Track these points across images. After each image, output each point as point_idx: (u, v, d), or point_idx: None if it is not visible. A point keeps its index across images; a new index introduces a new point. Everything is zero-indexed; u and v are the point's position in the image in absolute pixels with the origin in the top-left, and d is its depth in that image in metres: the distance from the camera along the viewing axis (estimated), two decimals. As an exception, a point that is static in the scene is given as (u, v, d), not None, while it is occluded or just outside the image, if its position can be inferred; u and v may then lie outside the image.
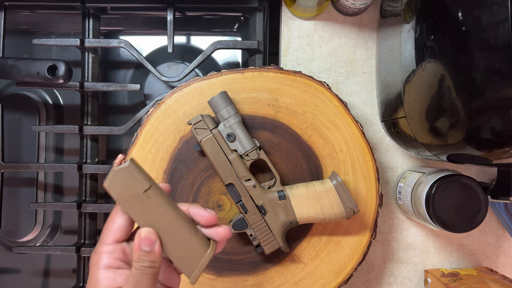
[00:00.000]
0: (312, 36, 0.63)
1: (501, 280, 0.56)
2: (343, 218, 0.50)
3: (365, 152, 0.54)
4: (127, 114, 0.70)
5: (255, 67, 0.54)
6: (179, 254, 0.36)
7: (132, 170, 0.34)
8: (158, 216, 0.35)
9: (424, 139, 0.47)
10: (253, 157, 0.50)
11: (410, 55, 0.45)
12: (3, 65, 0.56)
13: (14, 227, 0.67)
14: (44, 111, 0.68)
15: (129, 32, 0.71)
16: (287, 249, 0.52)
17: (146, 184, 0.35)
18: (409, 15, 0.47)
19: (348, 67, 0.62)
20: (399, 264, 0.62)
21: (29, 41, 0.63)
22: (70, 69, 0.56)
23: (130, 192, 0.35)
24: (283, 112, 0.54)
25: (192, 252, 0.36)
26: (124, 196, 0.35)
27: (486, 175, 0.63)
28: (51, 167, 0.61)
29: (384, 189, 0.62)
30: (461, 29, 0.37)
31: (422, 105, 0.45)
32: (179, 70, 0.68)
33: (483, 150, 0.41)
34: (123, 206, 0.35)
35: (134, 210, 0.35)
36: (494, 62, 0.35)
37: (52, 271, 0.68)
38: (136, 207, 0.35)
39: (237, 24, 0.71)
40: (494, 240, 0.63)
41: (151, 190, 0.35)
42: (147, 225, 0.35)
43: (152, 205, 0.35)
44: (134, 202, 0.35)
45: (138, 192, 0.35)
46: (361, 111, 0.62)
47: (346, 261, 0.54)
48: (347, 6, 0.58)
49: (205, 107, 0.54)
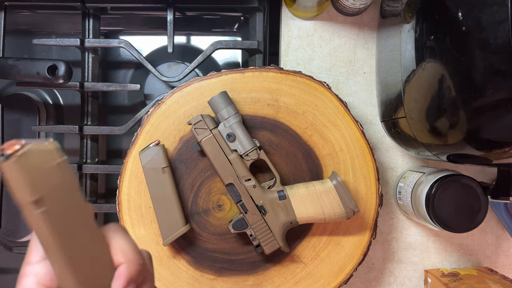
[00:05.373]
0: (312, 36, 0.63)
1: (501, 280, 0.56)
2: (343, 218, 0.50)
3: (365, 152, 0.54)
4: (127, 114, 0.70)
5: (255, 67, 0.54)
6: None
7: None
8: None
9: (424, 139, 0.47)
10: (253, 157, 0.50)
11: (410, 55, 0.45)
12: (3, 65, 0.56)
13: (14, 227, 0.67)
14: (44, 111, 0.68)
15: (129, 32, 0.71)
16: (287, 249, 0.52)
17: None
18: (409, 15, 0.47)
19: (348, 67, 0.62)
20: (399, 264, 0.62)
21: (29, 41, 0.63)
22: (70, 69, 0.56)
23: None
24: (283, 112, 0.54)
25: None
26: None
27: (486, 175, 0.63)
28: (51, 167, 0.61)
29: (384, 189, 0.62)
30: (461, 29, 0.37)
31: (422, 105, 0.45)
32: (179, 70, 0.68)
33: (483, 150, 0.41)
34: None
35: None
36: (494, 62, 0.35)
37: (52, 271, 0.68)
38: None
39: (237, 24, 0.71)
40: (494, 240, 0.63)
41: None
42: None
43: None
44: None
45: None
46: (361, 111, 0.62)
47: (346, 261, 0.54)
48: (347, 6, 0.58)
49: (205, 107, 0.54)
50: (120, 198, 0.53)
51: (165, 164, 0.51)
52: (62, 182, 0.25)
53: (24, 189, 0.24)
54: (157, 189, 0.51)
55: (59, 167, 0.25)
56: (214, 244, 0.54)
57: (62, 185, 0.25)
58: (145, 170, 0.51)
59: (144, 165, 0.51)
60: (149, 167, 0.51)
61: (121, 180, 0.53)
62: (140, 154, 0.51)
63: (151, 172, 0.51)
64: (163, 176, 0.51)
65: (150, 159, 0.51)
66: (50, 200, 0.25)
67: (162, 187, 0.51)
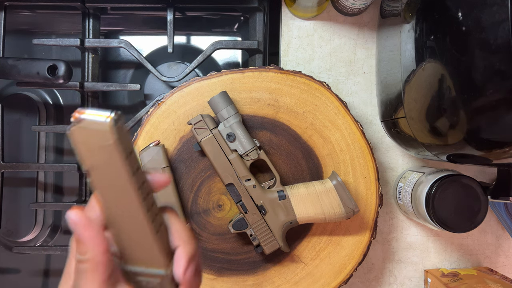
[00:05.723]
0: (312, 36, 0.63)
1: (501, 280, 0.56)
2: (343, 218, 0.50)
3: (365, 152, 0.54)
4: (127, 114, 0.70)
5: (255, 67, 0.54)
6: (132, 251, 0.28)
7: (120, 129, 0.26)
8: (124, 199, 0.27)
9: (424, 139, 0.47)
10: (253, 157, 0.50)
11: (410, 55, 0.45)
12: (3, 65, 0.56)
13: (14, 227, 0.67)
14: (44, 111, 0.68)
15: (129, 32, 0.71)
16: (287, 249, 0.52)
17: (130, 148, 0.27)
18: (409, 15, 0.47)
19: (348, 67, 0.62)
20: (399, 264, 0.62)
21: (29, 41, 0.63)
22: (70, 69, 0.56)
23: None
24: (283, 112, 0.54)
25: (148, 252, 0.28)
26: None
27: (486, 175, 0.63)
28: (51, 167, 0.61)
29: (384, 189, 0.62)
30: (461, 29, 0.37)
31: (422, 105, 0.45)
32: (179, 70, 0.68)
33: (483, 150, 0.41)
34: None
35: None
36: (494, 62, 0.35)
37: (52, 271, 0.68)
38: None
39: (237, 24, 0.71)
40: (494, 240, 0.63)
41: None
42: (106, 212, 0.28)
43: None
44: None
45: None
46: (361, 111, 0.62)
47: (346, 261, 0.54)
48: (347, 6, 0.58)
49: (205, 107, 0.54)
50: (120, 198, 0.53)
51: (165, 164, 0.51)
52: (109, 162, 0.25)
53: (79, 156, 0.25)
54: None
55: (108, 148, 0.25)
56: (214, 244, 0.54)
57: (109, 165, 0.26)
58: (145, 170, 0.51)
59: (144, 165, 0.51)
60: (149, 167, 0.51)
61: (121, 180, 0.53)
62: (140, 154, 0.51)
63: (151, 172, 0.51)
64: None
65: (150, 159, 0.51)
66: (96, 175, 0.26)
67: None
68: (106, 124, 0.25)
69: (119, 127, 0.25)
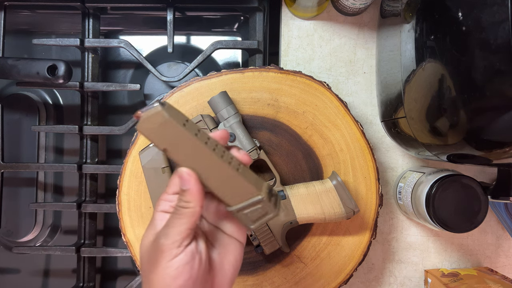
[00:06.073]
0: (312, 36, 0.63)
1: (501, 280, 0.56)
2: (343, 218, 0.50)
3: (365, 152, 0.54)
4: (127, 114, 0.70)
5: (255, 67, 0.54)
6: (224, 190, 0.34)
7: (169, 108, 0.32)
8: (199, 155, 0.33)
9: (424, 139, 0.47)
10: (253, 157, 0.50)
11: (410, 55, 0.45)
12: (3, 65, 0.56)
13: (14, 227, 0.67)
14: (44, 111, 0.68)
15: (129, 32, 0.71)
16: (287, 249, 0.52)
17: (184, 118, 0.33)
18: (409, 15, 0.46)
19: (348, 67, 0.62)
20: (399, 264, 0.62)
21: (29, 41, 0.63)
22: (70, 69, 0.56)
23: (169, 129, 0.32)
24: (283, 112, 0.54)
25: (240, 188, 0.34)
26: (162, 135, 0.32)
27: (486, 175, 0.63)
28: (51, 167, 0.61)
29: (384, 189, 0.62)
30: (461, 29, 0.37)
31: (422, 105, 0.45)
32: (179, 70, 0.68)
33: (483, 150, 0.41)
34: (160, 144, 0.33)
35: (175, 149, 0.33)
36: (494, 62, 0.35)
37: (52, 271, 0.68)
38: (177, 145, 0.33)
39: (237, 24, 0.71)
40: (494, 240, 0.63)
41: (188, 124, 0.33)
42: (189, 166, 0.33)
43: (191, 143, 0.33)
44: (175, 139, 0.32)
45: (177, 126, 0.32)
46: (361, 111, 0.62)
47: (346, 261, 0.54)
48: (347, 6, 0.58)
49: (205, 107, 0.54)
50: (120, 198, 0.53)
51: (165, 164, 0.51)
52: (173, 134, 0.32)
53: (153, 143, 0.32)
54: (157, 189, 0.51)
55: (167, 123, 0.31)
56: (214, 244, 0.54)
57: (174, 136, 0.32)
58: (145, 170, 0.51)
59: (144, 165, 0.51)
60: (149, 167, 0.51)
61: (121, 180, 0.53)
62: (140, 154, 0.51)
63: (151, 172, 0.51)
64: (163, 176, 0.51)
65: (150, 159, 0.51)
66: (171, 149, 0.32)
67: (162, 187, 0.51)
68: (157, 107, 0.31)
69: (168, 107, 0.32)
